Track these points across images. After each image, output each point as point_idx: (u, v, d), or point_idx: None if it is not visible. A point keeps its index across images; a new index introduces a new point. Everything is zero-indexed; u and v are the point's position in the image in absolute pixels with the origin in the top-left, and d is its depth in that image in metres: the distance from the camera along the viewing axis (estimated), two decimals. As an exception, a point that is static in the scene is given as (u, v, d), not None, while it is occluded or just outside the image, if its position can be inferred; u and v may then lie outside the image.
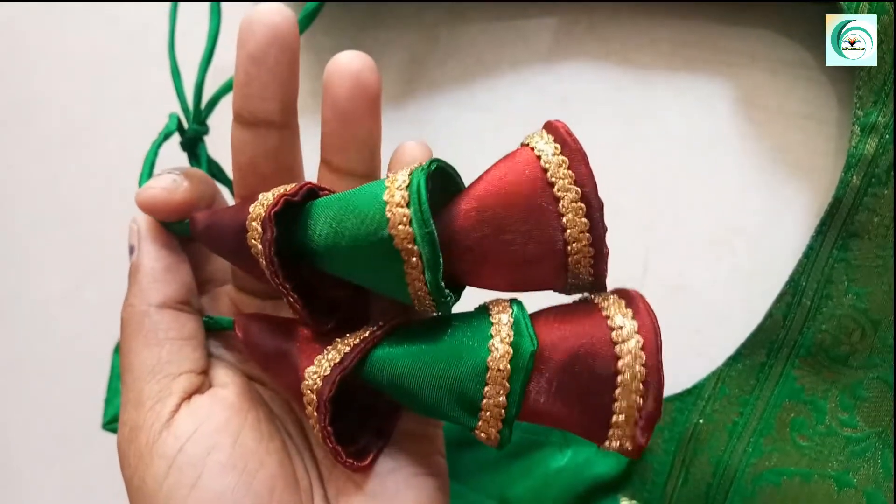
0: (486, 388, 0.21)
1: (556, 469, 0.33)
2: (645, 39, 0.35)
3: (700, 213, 0.34)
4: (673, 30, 0.35)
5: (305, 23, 0.33)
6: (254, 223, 0.22)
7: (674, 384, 0.33)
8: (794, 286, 0.31)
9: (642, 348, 0.20)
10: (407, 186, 0.21)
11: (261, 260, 0.22)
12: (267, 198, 0.22)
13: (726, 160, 0.34)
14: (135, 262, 0.26)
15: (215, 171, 0.34)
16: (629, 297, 0.21)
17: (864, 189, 0.29)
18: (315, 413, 0.22)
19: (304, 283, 0.23)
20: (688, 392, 0.33)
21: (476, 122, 0.34)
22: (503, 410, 0.21)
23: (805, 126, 0.33)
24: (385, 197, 0.21)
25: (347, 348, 0.22)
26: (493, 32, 0.37)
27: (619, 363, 0.20)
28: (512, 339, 0.21)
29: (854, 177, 0.29)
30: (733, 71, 0.34)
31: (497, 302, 0.23)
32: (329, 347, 0.23)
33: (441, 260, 0.21)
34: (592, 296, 0.22)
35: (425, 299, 0.21)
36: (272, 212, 0.22)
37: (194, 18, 0.36)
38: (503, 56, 0.37)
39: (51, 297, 0.45)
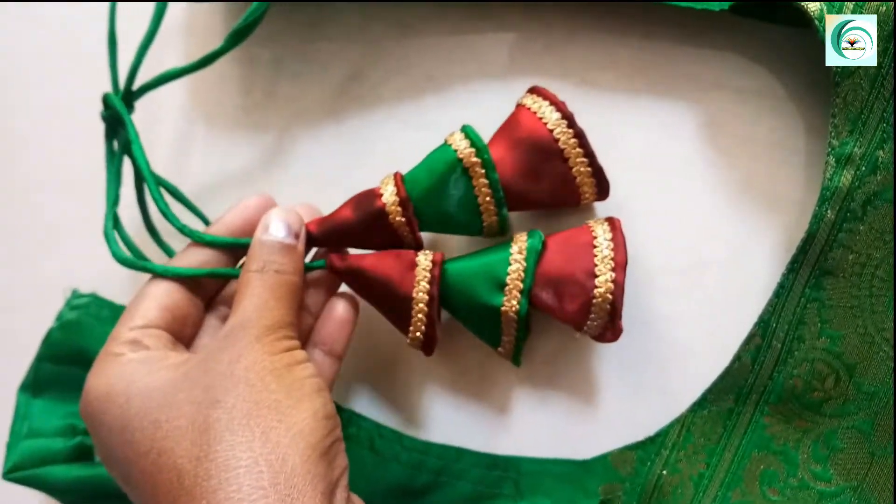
0: (510, 267, 0.29)
1: (509, 524, 0.31)
2: (605, 59, 0.33)
3: (664, 244, 0.32)
4: (634, 51, 0.33)
5: (243, 34, 0.32)
6: (394, 207, 0.30)
7: (636, 425, 0.31)
8: (763, 327, 0.29)
9: (611, 240, 0.29)
10: (461, 129, 0.30)
11: (402, 228, 0.30)
12: (388, 189, 0.30)
13: (692, 188, 0.32)
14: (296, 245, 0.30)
15: (132, 154, 0.33)
16: (609, 219, 0.30)
17: (839, 224, 0.27)
18: (425, 308, 0.30)
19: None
20: (650, 440, 0.30)
21: (424, 141, 0.31)
22: (521, 283, 0.29)
23: (773, 155, 0.31)
24: (448, 141, 0.30)
25: (429, 260, 0.30)
26: (444, 48, 0.35)
27: (594, 235, 0.29)
28: (526, 239, 0.30)
29: (828, 211, 0.27)
30: (698, 96, 0.32)
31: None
32: (421, 257, 0.30)
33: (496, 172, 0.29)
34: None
35: (491, 206, 0.30)
36: (404, 195, 0.30)
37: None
38: (454, 73, 0.35)
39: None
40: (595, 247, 0.29)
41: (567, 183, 0.29)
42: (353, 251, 0.32)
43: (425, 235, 0.33)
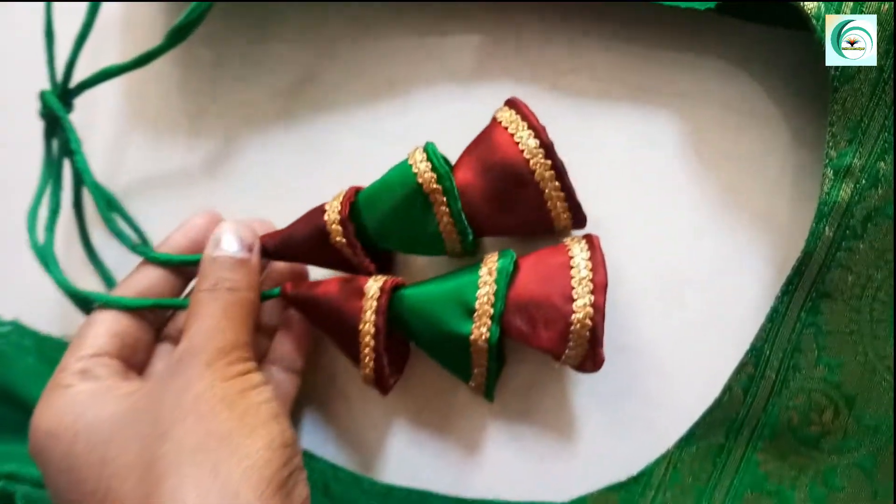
0: (479, 291, 0.26)
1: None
2: (580, 63, 0.31)
3: (644, 262, 0.30)
4: (612, 54, 0.30)
5: (184, 32, 0.30)
6: (334, 226, 0.28)
7: (618, 463, 0.29)
8: (756, 355, 0.26)
9: (589, 259, 0.26)
10: (424, 148, 0.27)
11: (345, 249, 0.28)
12: (333, 206, 0.28)
13: (673, 202, 0.30)
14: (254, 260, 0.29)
15: (74, 162, 0.32)
16: (587, 237, 0.28)
17: (838, 242, 0.25)
18: (372, 341, 0.27)
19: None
20: (634, 480, 0.28)
21: (383, 150, 0.29)
22: (492, 308, 0.26)
23: (758, 167, 0.29)
24: (410, 161, 0.27)
25: (378, 287, 0.28)
26: (405, 50, 0.32)
27: (570, 255, 0.27)
28: (497, 260, 0.27)
29: (826, 228, 0.25)
30: (680, 103, 0.30)
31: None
32: (370, 283, 0.28)
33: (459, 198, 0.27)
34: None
35: (453, 234, 0.27)
36: (346, 214, 0.28)
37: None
38: (416, 77, 0.32)
39: None
40: (572, 267, 0.26)
41: (540, 214, 0.27)
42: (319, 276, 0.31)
43: (398, 254, 0.30)
